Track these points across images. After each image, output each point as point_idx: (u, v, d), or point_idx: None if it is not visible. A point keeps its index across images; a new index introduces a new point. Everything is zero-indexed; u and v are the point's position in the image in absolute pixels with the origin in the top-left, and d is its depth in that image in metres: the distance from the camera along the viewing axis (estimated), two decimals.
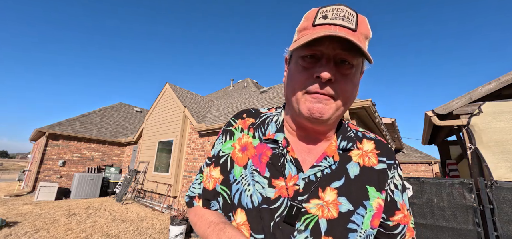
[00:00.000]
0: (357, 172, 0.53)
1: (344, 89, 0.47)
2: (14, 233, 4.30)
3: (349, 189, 0.50)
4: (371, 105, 4.05)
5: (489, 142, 3.14)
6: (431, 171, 12.66)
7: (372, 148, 0.57)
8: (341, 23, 0.45)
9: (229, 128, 0.63)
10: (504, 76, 3.38)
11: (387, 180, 0.54)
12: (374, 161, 0.55)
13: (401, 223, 0.55)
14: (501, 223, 2.64)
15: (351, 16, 0.46)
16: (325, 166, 0.51)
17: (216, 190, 0.58)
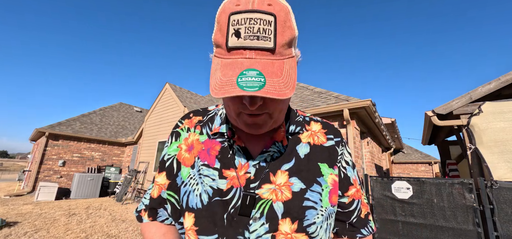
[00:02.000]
0: (307, 151, 0.53)
1: (276, 106, 0.44)
2: (14, 233, 4.30)
3: (299, 168, 0.50)
4: (371, 105, 4.05)
5: (489, 142, 3.14)
6: (431, 171, 12.66)
7: (319, 128, 0.59)
8: (256, 46, 0.38)
9: (175, 130, 0.60)
10: (504, 76, 3.38)
11: (338, 156, 0.55)
12: (323, 139, 0.56)
13: (355, 199, 0.56)
14: (501, 223, 2.64)
15: (267, 26, 0.38)
16: (274, 151, 0.51)
17: (161, 197, 0.55)
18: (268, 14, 0.38)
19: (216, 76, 0.39)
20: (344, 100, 4.37)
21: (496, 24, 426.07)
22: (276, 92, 0.36)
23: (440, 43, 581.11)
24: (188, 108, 7.79)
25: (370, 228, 0.57)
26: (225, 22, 0.39)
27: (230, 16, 0.39)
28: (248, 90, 0.35)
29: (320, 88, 5.82)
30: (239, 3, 0.39)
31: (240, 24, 0.38)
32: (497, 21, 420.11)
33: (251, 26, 0.38)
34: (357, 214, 0.56)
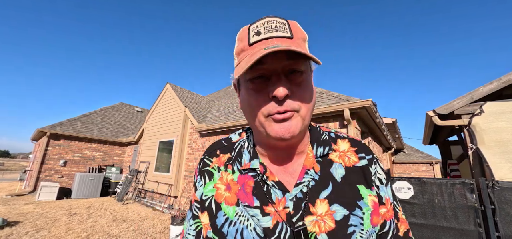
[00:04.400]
0: (342, 173, 0.51)
1: (303, 97, 0.45)
2: (16, 232, 4.31)
3: (339, 194, 0.48)
4: (372, 105, 4.04)
5: (490, 142, 3.13)
6: (432, 171, 12.62)
7: (348, 147, 0.55)
8: (276, 34, 0.44)
9: (206, 169, 0.58)
10: (506, 75, 3.36)
11: (372, 175, 0.53)
12: (355, 159, 0.53)
13: (386, 219, 0.52)
14: (503, 223, 2.64)
15: (282, 25, 0.46)
16: (308, 180, 0.49)
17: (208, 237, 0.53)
18: (281, 18, 0.47)
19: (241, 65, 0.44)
20: (344, 100, 4.37)
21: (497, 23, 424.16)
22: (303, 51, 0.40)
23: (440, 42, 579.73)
24: (189, 108, 7.80)
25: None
26: (245, 33, 0.48)
27: (249, 27, 0.47)
28: (277, 47, 0.39)
29: (321, 88, 5.82)
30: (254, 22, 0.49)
31: (259, 27, 0.46)
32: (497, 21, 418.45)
33: (269, 25, 0.46)
34: (393, 234, 0.52)
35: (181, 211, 5.04)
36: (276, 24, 0.45)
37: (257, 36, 0.45)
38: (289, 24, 0.47)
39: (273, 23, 0.46)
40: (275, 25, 0.45)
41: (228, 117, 6.97)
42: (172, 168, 7.42)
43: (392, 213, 0.53)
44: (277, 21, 0.46)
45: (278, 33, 0.44)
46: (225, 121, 6.48)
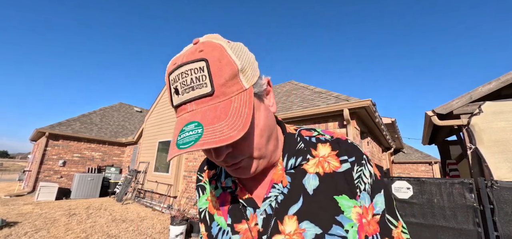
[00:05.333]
0: (316, 184, 0.44)
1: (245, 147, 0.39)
2: (15, 233, 4.30)
3: (311, 209, 0.42)
4: (371, 105, 4.05)
5: (489, 142, 3.14)
6: (431, 171, 12.65)
7: (329, 151, 0.48)
8: (193, 96, 0.36)
9: (199, 184, 0.60)
10: (504, 76, 3.38)
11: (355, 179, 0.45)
12: (336, 164, 0.46)
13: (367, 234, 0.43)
14: (501, 223, 2.64)
15: (199, 74, 0.36)
16: (275, 195, 0.45)
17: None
18: (197, 62, 0.36)
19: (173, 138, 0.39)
20: (344, 100, 4.37)
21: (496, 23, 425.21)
22: (217, 139, 0.32)
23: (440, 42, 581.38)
24: None
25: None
26: (167, 83, 0.40)
27: (169, 77, 0.39)
28: (183, 147, 0.33)
29: (320, 88, 5.83)
30: (175, 61, 0.39)
31: (176, 81, 0.38)
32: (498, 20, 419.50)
33: (184, 79, 0.37)
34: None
35: (180, 211, 5.03)
36: (191, 77, 0.36)
37: (176, 96, 0.38)
38: (209, 67, 0.36)
39: (187, 75, 0.36)
40: (190, 79, 0.36)
41: None
42: (171, 168, 7.42)
43: (377, 227, 0.44)
44: (191, 70, 0.36)
45: (195, 93, 0.36)
46: None
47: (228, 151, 0.38)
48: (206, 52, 0.37)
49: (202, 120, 0.35)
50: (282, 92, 7.20)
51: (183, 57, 0.38)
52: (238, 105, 0.36)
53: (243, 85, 0.38)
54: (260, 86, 0.42)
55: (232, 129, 0.33)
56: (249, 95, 0.38)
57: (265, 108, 0.43)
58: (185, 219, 4.63)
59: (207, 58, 0.36)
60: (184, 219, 4.58)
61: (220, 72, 0.36)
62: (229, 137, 0.32)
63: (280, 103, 6.00)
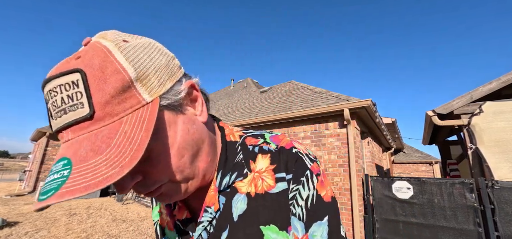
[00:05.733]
0: (243, 208, 0.37)
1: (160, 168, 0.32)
2: (15, 233, 4.31)
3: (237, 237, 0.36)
4: (372, 105, 4.05)
5: (490, 142, 3.13)
6: (431, 171, 12.64)
7: (267, 165, 0.38)
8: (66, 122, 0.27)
9: None
10: (505, 75, 3.37)
11: (289, 201, 0.36)
12: (271, 182, 0.37)
13: None
14: (502, 223, 2.64)
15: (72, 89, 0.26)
16: (207, 220, 0.38)
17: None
18: (69, 74, 0.26)
19: None
20: (344, 100, 4.37)
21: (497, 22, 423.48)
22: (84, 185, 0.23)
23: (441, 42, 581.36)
24: None
25: None
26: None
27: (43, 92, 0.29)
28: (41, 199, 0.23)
29: (321, 88, 5.83)
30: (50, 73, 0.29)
31: (48, 101, 0.28)
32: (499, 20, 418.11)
33: (54, 99, 0.27)
34: None
35: None
36: (61, 96, 0.27)
37: (51, 119, 0.29)
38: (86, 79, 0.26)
39: (57, 93, 0.27)
40: (61, 99, 0.27)
41: (228, 117, 6.97)
42: None
43: None
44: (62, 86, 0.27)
45: (68, 117, 0.27)
46: (225, 121, 6.48)
47: (136, 180, 0.30)
48: (84, 59, 0.28)
49: (74, 156, 0.25)
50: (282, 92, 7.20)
51: (55, 69, 0.28)
52: (130, 128, 0.27)
53: (143, 98, 0.29)
54: (176, 94, 0.33)
55: (112, 166, 0.25)
56: (151, 111, 0.29)
57: (186, 120, 0.34)
58: None
59: (83, 68, 0.27)
60: None
61: (103, 85, 0.27)
62: (104, 179, 0.24)
63: (280, 103, 6.00)
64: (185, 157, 0.33)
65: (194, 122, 0.36)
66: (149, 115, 0.28)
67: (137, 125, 0.27)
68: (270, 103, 6.52)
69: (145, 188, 0.32)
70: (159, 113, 0.30)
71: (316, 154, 4.44)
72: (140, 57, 0.30)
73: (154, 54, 0.32)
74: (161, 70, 0.32)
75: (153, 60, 0.31)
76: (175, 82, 0.33)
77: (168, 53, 0.35)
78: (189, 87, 0.36)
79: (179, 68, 0.35)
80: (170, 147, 0.32)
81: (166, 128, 0.32)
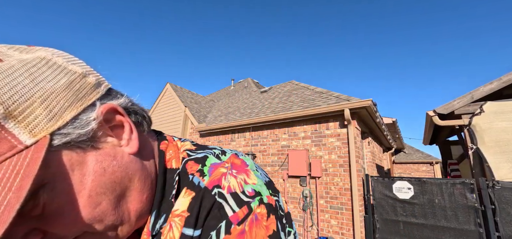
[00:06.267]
0: None
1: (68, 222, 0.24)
2: None
3: None
4: (372, 105, 4.04)
5: (490, 142, 3.13)
6: (432, 171, 12.63)
7: (184, 208, 0.29)
8: None
9: None
10: (506, 75, 3.37)
11: None
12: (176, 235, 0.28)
13: None
14: (503, 223, 2.64)
15: None
16: None
17: None
18: None
19: None
20: (345, 100, 4.37)
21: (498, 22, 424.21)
22: None
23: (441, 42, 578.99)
24: (189, 108, 7.81)
25: None
26: None
27: None
28: None
29: (321, 88, 5.83)
30: None
31: None
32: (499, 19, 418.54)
33: None
34: None
35: None
36: None
37: None
38: None
39: None
40: None
41: (228, 117, 6.98)
42: None
43: None
44: None
45: None
46: (225, 121, 6.49)
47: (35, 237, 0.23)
48: None
49: None
50: (282, 92, 7.20)
51: None
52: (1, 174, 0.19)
53: (19, 141, 0.21)
54: (84, 126, 0.25)
55: None
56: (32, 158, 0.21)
57: (101, 158, 0.26)
58: None
59: None
60: None
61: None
62: None
63: (281, 103, 6.00)
64: (103, 204, 0.26)
65: (115, 156, 0.28)
66: (27, 165, 0.20)
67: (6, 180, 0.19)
68: (271, 103, 6.52)
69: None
70: (52, 156, 0.23)
71: (316, 154, 4.44)
72: (16, 84, 0.22)
73: (45, 74, 0.24)
74: (55, 97, 0.24)
75: (41, 85, 0.23)
76: (83, 109, 0.26)
77: (75, 69, 0.26)
78: (107, 113, 0.28)
79: (94, 88, 0.27)
80: (76, 196, 0.24)
81: (66, 173, 0.24)
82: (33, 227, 0.23)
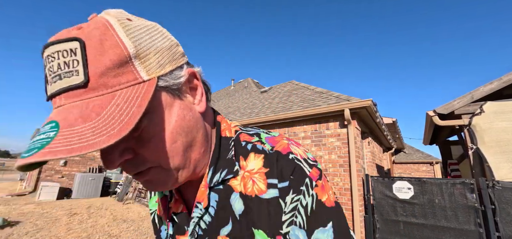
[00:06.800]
0: (241, 208, 0.36)
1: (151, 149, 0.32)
2: (16, 232, 4.32)
3: (240, 234, 0.36)
4: (372, 105, 4.04)
5: (490, 142, 3.13)
6: (432, 171, 12.62)
7: (259, 166, 0.37)
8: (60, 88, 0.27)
9: None
10: (506, 75, 3.36)
11: (282, 216, 0.34)
12: (262, 187, 0.36)
13: None
14: (503, 223, 2.64)
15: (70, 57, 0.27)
16: (197, 216, 0.38)
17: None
18: (68, 42, 0.27)
19: None
20: (345, 100, 4.37)
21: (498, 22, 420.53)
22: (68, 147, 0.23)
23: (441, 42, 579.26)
24: None
25: None
26: None
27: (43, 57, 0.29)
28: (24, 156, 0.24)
29: (321, 88, 5.82)
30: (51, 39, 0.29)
31: (45, 66, 0.29)
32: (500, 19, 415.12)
33: (51, 64, 0.28)
34: None
35: None
36: (58, 62, 0.27)
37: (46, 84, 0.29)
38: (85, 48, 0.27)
39: (54, 59, 0.27)
40: (57, 65, 0.27)
41: (228, 117, 6.97)
42: None
43: None
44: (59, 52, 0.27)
45: (62, 83, 0.27)
46: None
47: (125, 157, 0.31)
48: (85, 30, 0.28)
49: (63, 120, 0.26)
50: (282, 92, 7.19)
51: (56, 36, 0.29)
52: (123, 101, 0.27)
53: (140, 76, 0.29)
54: (176, 78, 0.33)
55: (100, 134, 0.25)
56: (147, 90, 0.29)
57: (183, 106, 0.35)
58: None
59: (83, 38, 0.27)
60: None
61: (100, 57, 0.27)
62: (89, 144, 0.24)
63: (281, 103, 6.00)
64: (178, 143, 0.33)
65: (191, 109, 0.36)
66: (144, 93, 0.28)
67: (131, 100, 0.28)
68: (271, 103, 6.51)
69: (134, 168, 0.32)
70: (156, 93, 0.31)
71: (316, 154, 4.44)
72: (142, 37, 0.31)
73: (156, 36, 0.33)
74: (162, 53, 0.32)
75: (155, 42, 0.32)
76: (176, 67, 0.34)
77: (172, 39, 0.36)
78: (190, 75, 0.36)
79: (182, 55, 0.36)
80: (164, 129, 0.32)
81: (162, 110, 0.32)
82: (130, 146, 0.31)
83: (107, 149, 0.29)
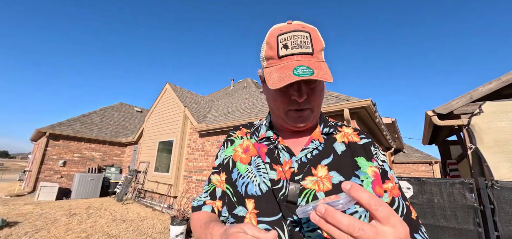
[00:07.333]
0: (343, 148, 0.61)
1: (315, 99, 0.58)
2: (15, 233, 4.30)
3: (338, 164, 0.57)
4: (372, 105, 4.04)
5: (489, 142, 3.13)
6: (431, 171, 12.64)
7: (352, 131, 0.67)
8: (300, 51, 0.53)
9: (229, 138, 0.74)
10: (505, 75, 3.37)
11: (373, 153, 0.61)
12: (357, 139, 0.64)
13: (394, 196, 0.57)
14: (502, 223, 2.64)
15: (305, 39, 0.54)
16: (313, 148, 0.60)
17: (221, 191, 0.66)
18: (304, 31, 0.54)
19: (273, 76, 0.53)
20: (344, 100, 4.37)
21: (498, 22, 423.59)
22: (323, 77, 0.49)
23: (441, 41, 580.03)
24: (189, 108, 7.79)
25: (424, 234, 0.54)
26: (274, 41, 0.56)
27: (278, 37, 0.55)
28: (304, 75, 0.48)
29: None
30: (282, 28, 0.56)
31: (287, 40, 0.54)
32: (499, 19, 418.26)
33: (295, 40, 0.53)
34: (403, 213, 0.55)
35: (180, 211, 5.03)
36: (300, 39, 0.53)
37: (285, 50, 0.53)
38: (311, 37, 0.54)
39: (298, 37, 0.53)
40: (300, 41, 0.53)
41: (227, 117, 6.97)
42: (171, 168, 7.41)
43: (399, 192, 0.59)
44: (301, 35, 0.54)
45: (302, 50, 0.53)
46: (225, 121, 6.48)
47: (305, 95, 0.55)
48: (308, 28, 0.56)
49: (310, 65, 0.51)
50: None
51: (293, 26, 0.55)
52: (325, 67, 0.53)
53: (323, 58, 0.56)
54: None
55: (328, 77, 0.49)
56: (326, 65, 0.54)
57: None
58: (185, 219, 4.63)
59: (310, 32, 0.55)
60: (184, 219, 4.58)
61: (317, 43, 0.55)
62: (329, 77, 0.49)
63: None
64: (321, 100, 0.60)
65: None
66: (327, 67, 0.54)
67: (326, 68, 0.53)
68: None
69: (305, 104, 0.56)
70: None
71: None
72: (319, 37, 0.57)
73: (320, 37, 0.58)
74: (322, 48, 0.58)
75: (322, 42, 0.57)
76: None
77: None
78: None
79: None
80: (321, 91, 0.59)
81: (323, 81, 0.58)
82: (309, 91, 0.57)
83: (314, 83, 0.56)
